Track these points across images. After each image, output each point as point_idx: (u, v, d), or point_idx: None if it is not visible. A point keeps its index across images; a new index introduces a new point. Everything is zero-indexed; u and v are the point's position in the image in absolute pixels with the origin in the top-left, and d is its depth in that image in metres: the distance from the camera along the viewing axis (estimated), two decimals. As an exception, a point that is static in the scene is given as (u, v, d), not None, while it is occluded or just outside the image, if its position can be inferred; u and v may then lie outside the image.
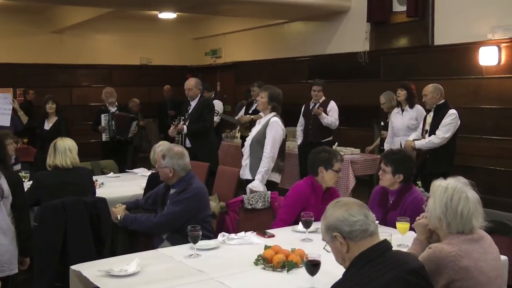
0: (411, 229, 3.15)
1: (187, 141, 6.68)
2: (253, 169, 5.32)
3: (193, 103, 6.84)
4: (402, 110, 6.97)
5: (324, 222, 2.34)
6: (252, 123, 8.05)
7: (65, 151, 4.50)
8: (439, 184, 2.60)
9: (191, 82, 6.89)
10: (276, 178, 5.38)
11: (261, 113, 7.74)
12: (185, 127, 6.66)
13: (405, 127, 6.85)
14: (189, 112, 6.81)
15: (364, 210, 2.30)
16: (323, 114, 7.60)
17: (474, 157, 7.57)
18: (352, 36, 9.40)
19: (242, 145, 8.18)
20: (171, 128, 6.71)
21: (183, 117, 6.75)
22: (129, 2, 9.09)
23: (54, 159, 4.48)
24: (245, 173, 5.42)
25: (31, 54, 11.77)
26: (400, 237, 3.38)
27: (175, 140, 6.69)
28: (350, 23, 9.52)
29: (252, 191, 4.93)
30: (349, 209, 2.29)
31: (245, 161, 5.43)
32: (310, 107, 7.85)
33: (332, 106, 7.77)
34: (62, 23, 11.59)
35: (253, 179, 5.25)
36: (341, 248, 2.27)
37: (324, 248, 2.46)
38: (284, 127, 5.44)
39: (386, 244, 2.30)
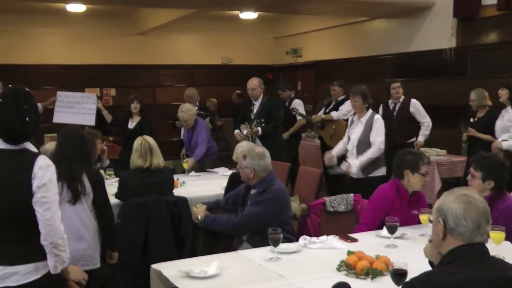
0: (507, 238, 2.94)
1: (257, 141, 6.63)
2: (363, 167, 5.56)
3: (257, 103, 6.82)
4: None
5: (441, 201, 2.25)
6: (323, 123, 7.94)
7: (152, 151, 4.56)
8: None
9: (254, 82, 6.85)
10: (383, 171, 5.65)
11: (332, 114, 7.71)
12: (259, 129, 6.63)
13: (502, 128, 6.29)
14: (254, 112, 6.77)
15: (480, 219, 2.18)
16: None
17: None
18: (437, 33, 9.04)
19: (321, 144, 8.12)
20: (245, 131, 6.65)
21: (255, 120, 6.70)
22: (211, 3, 9.18)
23: (138, 160, 4.56)
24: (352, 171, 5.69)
25: (117, 56, 12.14)
26: (494, 247, 3.08)
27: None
28: (435, 19, 9.16)
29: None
30: (467, 209, 2.18)
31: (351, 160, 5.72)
32: (391, 107, 7.51)
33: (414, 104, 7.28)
34: (146, 25, 11.89)
35: (360, 178, 5.58)
36: (439, 233, 2.21)
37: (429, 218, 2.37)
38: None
39: (481, 247, 2.17)
